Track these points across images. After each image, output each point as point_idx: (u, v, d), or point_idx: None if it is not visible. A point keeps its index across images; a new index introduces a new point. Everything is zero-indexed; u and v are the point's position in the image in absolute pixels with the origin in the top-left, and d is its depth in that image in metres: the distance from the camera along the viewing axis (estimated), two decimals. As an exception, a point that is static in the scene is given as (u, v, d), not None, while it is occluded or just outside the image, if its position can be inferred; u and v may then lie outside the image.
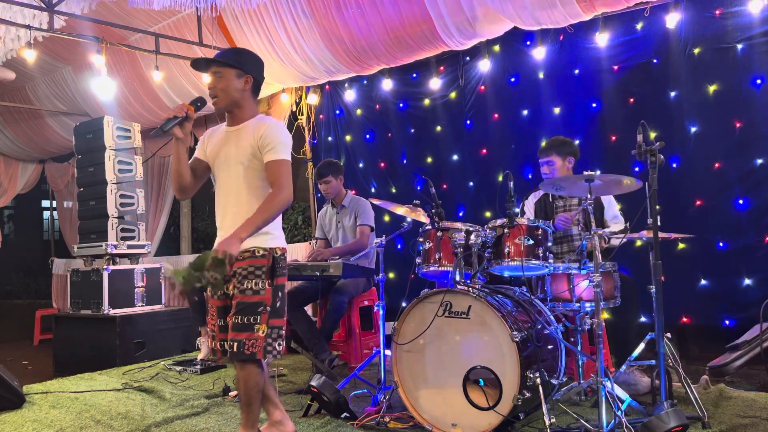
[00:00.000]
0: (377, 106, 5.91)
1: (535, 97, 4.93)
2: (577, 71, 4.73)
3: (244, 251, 2.49)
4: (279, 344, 2.52)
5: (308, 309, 4.51)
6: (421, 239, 3.22)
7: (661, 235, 2.86)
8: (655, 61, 4.38)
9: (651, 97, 4.39)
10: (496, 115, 5.15)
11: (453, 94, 5.39)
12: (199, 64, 2.66)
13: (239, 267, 2.49)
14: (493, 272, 3.18)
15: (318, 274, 3.75)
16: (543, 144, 3.92)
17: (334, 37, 5.05)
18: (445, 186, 5.38)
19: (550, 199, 3.82)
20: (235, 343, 2.43)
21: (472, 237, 3.02)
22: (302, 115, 6.36)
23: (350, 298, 4.18)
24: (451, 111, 5.41)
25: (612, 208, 3.80)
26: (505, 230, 3.04)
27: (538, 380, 2.67)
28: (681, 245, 4.20)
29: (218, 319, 2.60)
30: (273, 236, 2.58)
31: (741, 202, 4.07)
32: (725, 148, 4.11)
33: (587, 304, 3.08)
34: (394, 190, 5.77)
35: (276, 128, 2.56)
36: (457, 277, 2.96)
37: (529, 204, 3.91)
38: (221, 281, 2.38)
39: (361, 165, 6.02)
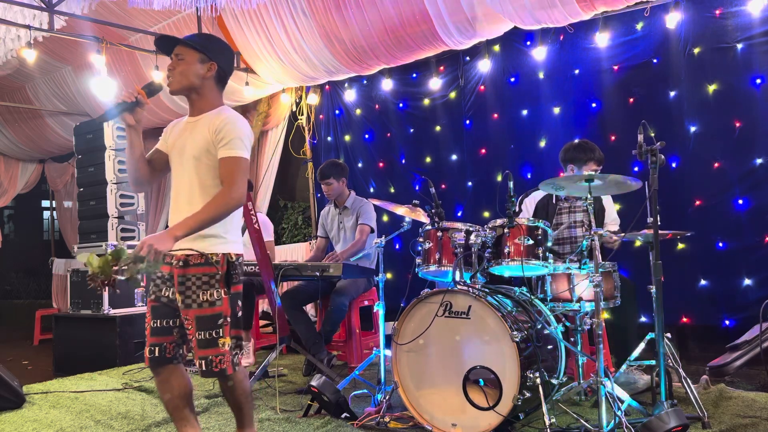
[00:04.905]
0: (377, 106, 5.91)
1: (535, 97, 4.93)
2: (577, 71, 4.72)
3: (194, 256, 2.30)
4: (239, 354, 2.39)
5: (309, 309, 4.52)
6: (420, 239, 3.22)
7: (659, 233, 2.85)
8: (655, 61, 4.38)
9: (651, 97, 4.39)
10: (496, 115, 5.15)
11: (453, 94, 5.39)
12: (162, 44, 2.45)
13: (191, 274, 2.30)
14: (493, 272, 3.18)
15: (318, 274, 3.74)
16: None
17: (334, 37, 5.05)
18: (443, 186, 5.37)
19: (554, 201, 3.81)
20: (203, 362, 2.30)
21: (472, 237, 3.02)
22: (302, 115, 6.36)
23: (351, 299, 4.18)
24: (450, 111, 5.41)
25: (611, 210, 3.80)
26: (505, 230, 3.04)
27: (538, 380, 2.67)
28: (681, 245, 4.20)
29: (153, 320, 2.39)
30: (225, 240, 2.35)
31: (741, 201, 4.07)
32: (725, 147, 4.11)
33: (587, 304, 3.08)
34: (392, 190, 5.77)
35: (234, 121, 2.33)
36: (457, 277, 2.96)
37: (528, 203, 3.89)
38: (138, 278, 2.15)
39: (360, 165, 6.02)
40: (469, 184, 5.30)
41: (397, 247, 5.64)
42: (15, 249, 12.20)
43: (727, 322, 4.09)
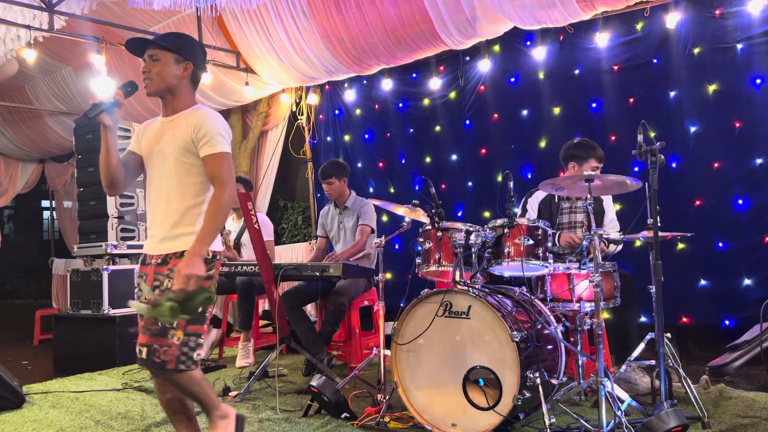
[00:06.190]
0: (377, 106, 5.91)
1: (535, 97, 4.93)
2: (577, 71, 4.72)
3: (173, 254, 2.31)
4: (197, 354, 2.28)
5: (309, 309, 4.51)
6: (420, 239, 3.22)
7: (659, 234, 2.85)
8: (655, 61, 4.38)
9: (651, 97, 4.39)
10: (496, 115, 5.15)
11: (453, 94, 5.39)
12: (133, 46, 2.42)
13: (169, 269, 2.30)
14: (493, 272, 3.18)
15: (318, 274, 3.74)
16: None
17: (334, 37, 5.05)
18: (444, 186, 5.37)
19: (556, 200, 3.82)
20: (144, 349, 2.22)
21: (472, 237, 3.01)
22: (302, 115, 6.37)
23: (350, 300, 4.18)
24: (450, 111, 5.41)
25: (610, 212, 3.80)
26: (505, 230, 3.03)
27: (538, 380, 2.67)
28: (681, 245, 4.20)
29: (142, 320, 2.41)
30: None
31: (741, 202, 4.07)
32: (725, 148, 4.11)
33: (587, 304, 3.08)
34: (392, 190, 5.77)
35: (211, 118, 2.34)
36: (457, 277, 2.96)
37: (532, 203, 3.89)
38: (197, 308, 2.21)
39: (359, 165, 6.02)
40: (469, 184, 5.30)
41: (397, 247, 5.64)
42: (15, 249, 12.20)
43: (727, 322, 4.09)
